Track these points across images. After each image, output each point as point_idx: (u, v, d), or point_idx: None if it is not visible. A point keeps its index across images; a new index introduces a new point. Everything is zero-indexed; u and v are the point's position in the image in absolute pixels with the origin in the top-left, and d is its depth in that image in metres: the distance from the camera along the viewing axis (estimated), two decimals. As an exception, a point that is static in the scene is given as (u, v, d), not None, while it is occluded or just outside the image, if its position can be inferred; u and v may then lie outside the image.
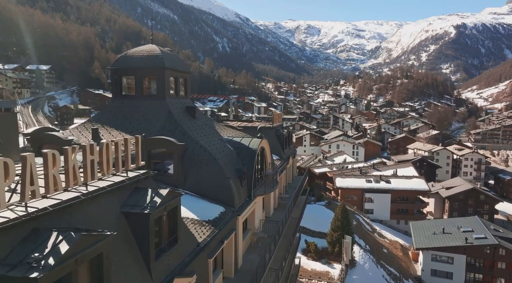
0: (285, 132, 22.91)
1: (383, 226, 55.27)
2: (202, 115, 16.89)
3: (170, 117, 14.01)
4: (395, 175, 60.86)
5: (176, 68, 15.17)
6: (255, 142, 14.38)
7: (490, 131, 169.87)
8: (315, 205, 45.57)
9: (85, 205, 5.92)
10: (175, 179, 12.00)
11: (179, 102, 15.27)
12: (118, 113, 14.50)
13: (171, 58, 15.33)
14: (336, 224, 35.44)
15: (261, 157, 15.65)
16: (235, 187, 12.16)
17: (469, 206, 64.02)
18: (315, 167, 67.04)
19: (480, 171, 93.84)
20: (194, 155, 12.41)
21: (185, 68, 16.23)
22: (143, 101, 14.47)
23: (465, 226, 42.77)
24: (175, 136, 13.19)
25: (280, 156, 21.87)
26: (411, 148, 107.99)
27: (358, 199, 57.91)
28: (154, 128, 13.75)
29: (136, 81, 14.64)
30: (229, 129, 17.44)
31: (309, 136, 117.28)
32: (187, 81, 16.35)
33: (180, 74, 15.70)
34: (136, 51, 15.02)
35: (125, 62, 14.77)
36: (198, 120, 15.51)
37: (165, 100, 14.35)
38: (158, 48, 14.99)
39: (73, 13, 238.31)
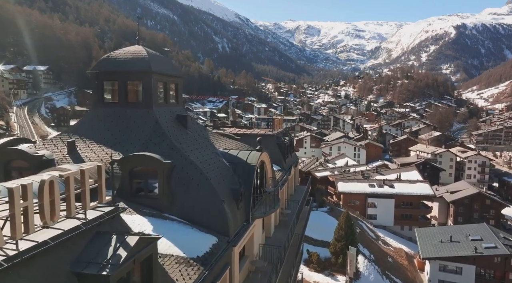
0: (286, 140, 21.20)
1: (386, 232, 53.56)
2: (196, 123, 15.20)
3: (157, 128, 12.30)
4: (398, 179, 59.16)
5: (165, 72, 13.48)
6: (254, 156, 12.69)
7: (492, 132, 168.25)
8: (317, 211, 43.86)
9: (13, 273, 4.22)
10: (160, 202, 10.30)
11: (168, 110, 13.57)
12: (99, 123, 12.80)
13: (160, 61, 13.63)
14: (340, 234, 33.75)
15: (260, 172, 13.95)
16: (230, 211, 10.46)
17: (475, 211, 62.33)
18: (316, 171, 65.35)
19: (484, 174, 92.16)
20: (183, 173, 10.70)
21: (176, 72, 14.53)
22: (127, 110, 12.78)
23: (473, 234, 41.08)
24: (161, 150, 11.50)
25: (281, 166, 20.18)
26: (413, 150, 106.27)
27: (361, 204, 56.23)
28: (139, 141, 12.05)
29: (120, 87, 12.94)
30: (225, 140, 15.74)
31: (310, 138, 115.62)
32: (178, 87, 14.66)
33: (170, 79, 14.01)
34: (120, 53, 13.32)
35: (107, 65, 13.08)
36: (190, 131, 13.81)
37: (152, 109, 12.65)
38: (145, 50, 13.30)
39: (72, 13, 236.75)
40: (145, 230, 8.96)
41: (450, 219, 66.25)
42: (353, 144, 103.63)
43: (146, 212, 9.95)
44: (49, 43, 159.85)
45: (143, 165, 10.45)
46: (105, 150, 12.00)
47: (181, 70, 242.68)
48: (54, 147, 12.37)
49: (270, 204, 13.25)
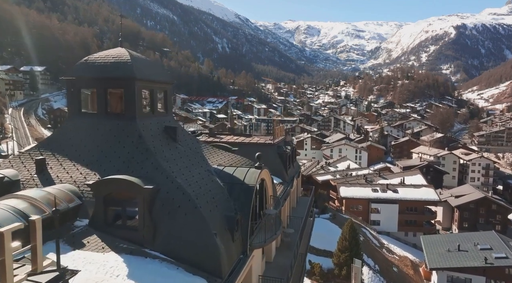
0: (288, 149, 19.54)
1: (390, 239, 51.93)
2: (187, 134, 13.54)
3: (141, 143, 10.65)
4: (402, 183, 57.53)
5: (151, 78, 11.83)
6: (253, 174, 11.04)
7: (494, 133, 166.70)
8: (319, 218, 42.19)
9: None
10: (141, 235, 8.66)
11: (155, 121, 11.92)
12: (75, 137, 11.16)
13: (145, 65, 11.97)
14: (344, 245, 32.12)
15: (260, 190, 12.29)
16: (223, 245, 8.81)
17: (480, 216, 60.72)
18: (317, 175, 63.71)
19: (488, 176, 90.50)
20: (168, 200, 9.05)
21: (164, 77, 12.88)
22: (107, 122, 11.13)
23: (482, 242, 39.45)
24: (144, 170, 9.87)
25: (282, 178, 18.53)
26: (415, 152, 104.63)
27: (363, 210, 54.60)
28: (119, 159, 10.41)
29: (98, 95, 11.30)
30: (221, 152, 14.08)
31: (310, 140, 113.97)
32: (167, 94, 13.00)
33: (158, 85, 12.35)
34: (100, 56, 11.67)
35: (84, 71, 11.43)
36: (180, 144, 12.16)
37: (135, 120, 11.00)
38: (128, 53, 11.65)
39: (70, 13, 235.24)
40: (119, 275, 7.32)
41: (454, 224, 64.65)
42: (355, 146, 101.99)
43: (123, 247, 8.31)
44: (47, 43, 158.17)
45: (120, 191, 8.82)
46: (80, 169, 10.37)
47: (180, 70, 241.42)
48: (22, 165, 10.73)
49: (271, 229, 11.60)
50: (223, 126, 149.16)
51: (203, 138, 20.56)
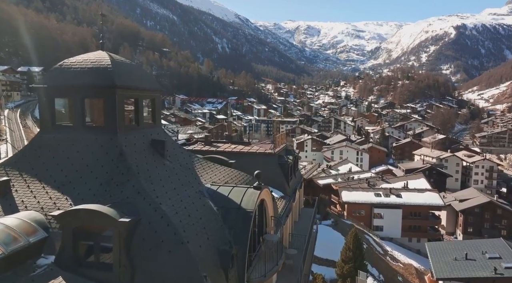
0: (290, 159, 18.10)
1: (394, 245, 50.47)
2: (177, 148, 12.09)
3: (122, 161, 9.24)
4: (406, 187, 56.05)
5: (136, 85, 10.41)
6: (251, 197, 9.62)
7: (496, 134, 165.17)
8: (321, 225, 40.70)
9: None
10: (116, 276, 7.22)
11: (141, 134, 10.49)
12: (46, 154, 9.73)
13: (128, 71, 10.54)
14: (347, 255, 30.67)
15: (259, 211, 10.87)
16: (216, 289, 7.38)
17: (486, 221, 59.29)
18: (318, 178, 62.23)
19: (492, 179, 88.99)
20: (150, 233, 7.63)
21: (151, 84, 11.44)
22: (84, 136, 9.71)
23: (490, 251, 37.99)
24: (124, 194, 8.46)
25: (284, 191, 17.11)
26: (417, 154, 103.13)
27: (366, 215, 53.12)
28: (96, 180, 8.99)
29: (74, 106, 9.88)
30: (215, 167, 12.63)
31: (311, 141, 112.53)
32: (155, 103, 11.56)
33: (144, 94, 10.92)
34: (77, 61, 10.24)
35: (58, 78, 10.01)
36: (169, 160, 10.74)
37: (116, 135, 9.58)
38: (109, 57, 10.23)
39: (69, 13, 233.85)
40: None
41: (459, 229, 63.23)
42: (356, 148, 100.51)
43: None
44: (45, 43, 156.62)
45: (92, 224, 7.39)
46: (50, 192, 8.94)
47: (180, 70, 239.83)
48: (-17, 187, 9.29)
49: (271, 258, 10.17)
50: (222, 127, 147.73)
51: (198, 146, 19.15)
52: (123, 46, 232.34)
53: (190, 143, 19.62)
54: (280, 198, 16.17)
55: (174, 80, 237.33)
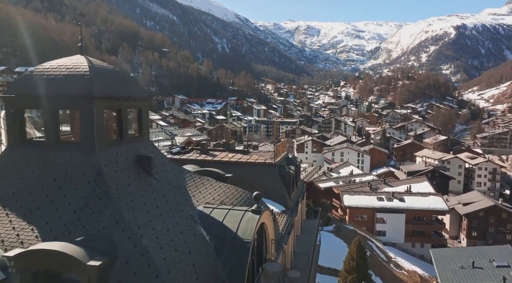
0: (292, 170, 16.85)
1: (397, 251, 49.28)
2: (167, 163, 10.82)
3: (100, 183, 7.98)
4: (409, 191, 54.84)
5: (118, 95, 9.15)
6: (249, 224, 8.38)
7: (497, 135, 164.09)
8: (322, 232, 39.51)
9: None
10: (86, 331, 5.97)
11: (124, 150, 9.23)
12: (14, 175, 8.47)
13: (110, 78, 9.29)
14: (351, 265, 29.46)
15: (259, 234, 9.61)
16: None
17: (490, 225, 58.13)
18: (319, 181, 61.04)
19: (495, 181, 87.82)
20: (127, 275, 6.37)
21: (137, 92, 10.17)
22: (57, 154, 8.46)
23: (498, 258, 36.71)
24: (100, 224, 7.21)
25: (285, 204, 15.86)
26: (419, 156, 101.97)
27: (368, 219, 51.94)
28: (69, 207, 7.73)
29: (47, 119, 8.63)
30: (210, 183, 11.37)
31: (311, 143, 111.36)
32: (142, 113, 10.30)
33: (129, 104, 9.66)
34: (51, 66, 8.99)
35: (28, 86, 8.76)
36: (156, 178, 9.50)
37: (94, 152, 8.32)
38: (88, 62, 8.98)
39: (68, 13, 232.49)
40: None
41: (462, 233, 62.06)
42: (357, 149, 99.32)
43: None
44: (43, 44, 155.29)
45: (55, 267, 6.13)
46: (14, 221, 7.68)
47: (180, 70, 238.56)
48: None
49: (272, 292, 8.91)
50: (222, 128, 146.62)
51: (193, 155, 17.91)
52: (122, 46, 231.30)
53: (185, 152, 18.38)
54: (281, 213, 14.94)
55: (174, 80, 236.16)
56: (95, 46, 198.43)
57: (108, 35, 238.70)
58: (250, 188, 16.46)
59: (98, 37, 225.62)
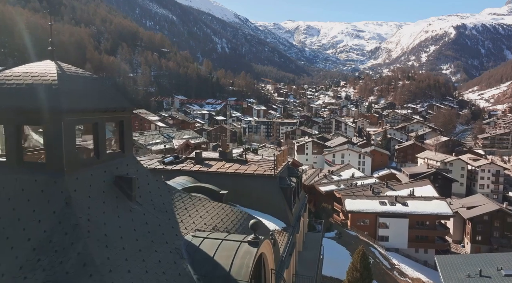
0: (293, 182, 15.58)
1: (400, 257, 48.00)
2: (153, 182, 9.53)
3: (67, 214, 6.72)
4: (412, 195, 53.59)
5: (93, 107, 7.89)
6: (244, 258, 7.11)
7: (499, 135, 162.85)
8: (323, 239, 38.24)
9: None
10: None
11: (100, 170, 7.97)
12: (-32, 202, 7.19)
13: (83, 88, 8.01)
14: (354, 276, 28.18)
15: (256, 265, 8.32)
16: None
17: (495, 229, 56.89)
18: (320, 185, 59.78)
19: (498, 184, 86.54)
20: None
21: (117, 103, 8.89)
22: (19, 177, 7.19)
23: (506, 266, 35.32)
24: (63, 268, 5.95)
25: (286, 220, 14.61)
26: (421, 157, 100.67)
27: (371, 224, 50.66)
28: (28, 243, 6.48)
29: (7, 135, 7.36)
30: (201, 204, 10.10)
31: (311, 144, 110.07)
32: (124, 126, 9.03)
33: (106, 116, 8.39)
34: (13, 75, 7.71)
35: (-14, 97, 7.47)
36: (138, 202, 8.24)
37: (62, 175, 7.07)
38: (57, 69, 7.73)
39: (67, 13, 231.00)
40: None
41: (466, 237, 60.82)
42: (358, 151, 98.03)
43: None
44: (41, 44, 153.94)
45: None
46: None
47: (179, 71, 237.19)
48: None
49: None
50: (221, 129, 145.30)
51: (187, 166, 16.64)
52: (121, 46, 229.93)
53: (178, 161, 17.11)
54: (281, 231, 13.67)
55: (173, 81, 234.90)
56: (94, 46, 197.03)
57: (107, 35, 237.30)
58: (249, 202, 15.16)
59: (97, 37, 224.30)
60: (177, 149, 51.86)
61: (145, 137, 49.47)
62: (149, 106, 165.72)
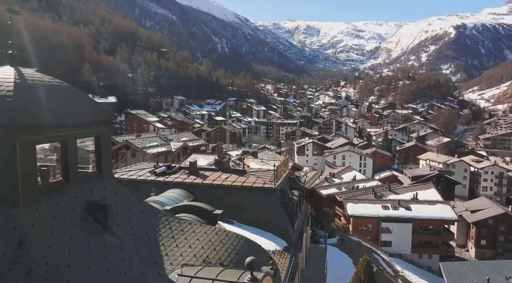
0: (295, 196, 14.31)
1: (403, 262, 46.77)
2: (135, 206, 8.25)
3: (19, 257, 5.46)
4: (415, 199, 52.35)
5: (60, 121, 6.61)
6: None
7: (500, 136, 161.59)
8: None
9: None
10: None
11: (69, 198, 6.70)
12: None
13: (48, 98, 6.72)
14: (358, 287, 27.05)
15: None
16: None
17: (500, 234, 55.66)
18: (321, 188, 58.52)
19: (502, 186, 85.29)
20: None
21: (91, 116, 7.60)
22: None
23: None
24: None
25: (287, 239, 13.34)
26: (422, 159, 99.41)
27: (373, 229, 49.41)
28: (-30, 295, 5.18)
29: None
30: (192, 229, 8.82)
31: (312, 145, 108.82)
32: (101, 141, 7.75)
33: (79, 132, 7.11)
34: (-38, 83, 6.43)
35: None
36: (115, 233, 6.97)
37: (18, 206, 5.81)
38: (15, 76, 6.46)
39: (66, 13, 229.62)
40: None
41: (470, 241, 59.58)
42: (359, 152, 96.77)
43: None
44: (39, 44, 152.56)
45: None
46: None
47: (178, 71, 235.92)
48: None
49: None
50: (221, 129, 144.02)
51: (180, 177, 15.38)
52: (120, 46, 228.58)
53: (171, 172, 15.84)
54: (282, 252, 12.40)
55: (173, 81, 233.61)
56: (92, 46, 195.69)
57: (106, 35, 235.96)
58: (247, 218, 13.85)
59: (96, 37, 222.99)
60: (175, 152, 50.59)
61: (141, 140, 48.19)
62: (148, 107, 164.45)
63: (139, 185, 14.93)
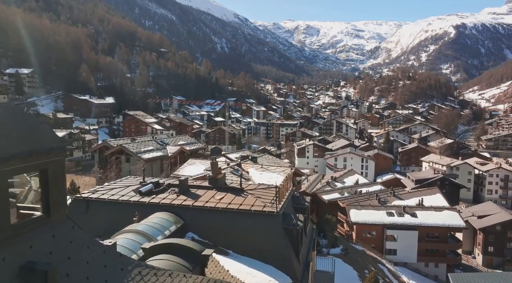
0: (300, 221, 12.43)
1: (410, 272, 44.90)
2: (97, 257, 6.35)
3: None
4: (421, 205, 50.49)
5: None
6: None
7: (503, 137, 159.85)
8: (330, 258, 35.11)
9: None
10: None
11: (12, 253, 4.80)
12: None
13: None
14: (365, 306, 25.28)
15: None
16: None
17: (508, 240, 53.83)
18: (323, 193, 56.59)
19: (507, 189, 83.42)
20: None
21: (39, 143, 5.69)
22: None
23: (528, 288, 32.54)
24: None
25: (291, 273, 11.46)
26: (425, 161, 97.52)
27: (378, 236, 47.51)
28: None
29: None
30: (173, 281, 6.93)
31: (312, 147, 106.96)
32: (49, 177, 5.84)
33: (15, 167, 5.21)
34: None
35: None
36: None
37: None
38: None
39: (64, 13, 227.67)
40: None
41: (477, 248, 57.74)
42: (361, 155, 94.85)
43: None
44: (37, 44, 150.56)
45: None
46: None
47: (178, 71, 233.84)
48: None
49: None
50: (220, 131, 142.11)
51: (168, 197, 13.50)
52: (119, 46, 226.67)
53: (158, 191, 13.96)
54: (286, 290, 10.52)
55: (172, 81, 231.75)
56: (91, 47, 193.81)
57: (104, 35, 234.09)
58: (244, 247, 12.03)
59: (94, 37, 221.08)
60: (171, 157, 48.70)
61: (136, 144, 46.26)
62: (147, 108, 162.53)
63: (120, 207, 13.08)
